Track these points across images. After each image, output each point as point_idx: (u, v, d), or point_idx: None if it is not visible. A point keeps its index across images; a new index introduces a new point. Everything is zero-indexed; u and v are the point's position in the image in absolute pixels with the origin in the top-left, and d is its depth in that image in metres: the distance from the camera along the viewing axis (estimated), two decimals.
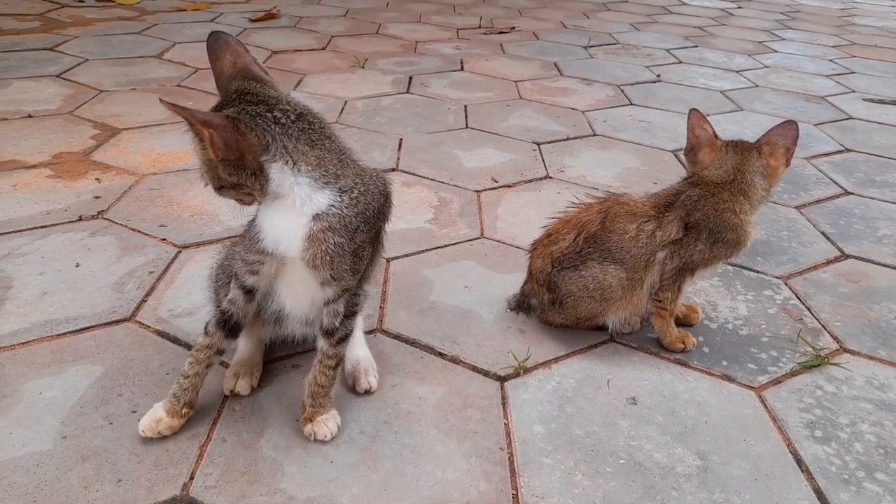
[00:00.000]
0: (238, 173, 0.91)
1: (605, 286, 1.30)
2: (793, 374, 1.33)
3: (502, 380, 1.27)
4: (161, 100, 0.86)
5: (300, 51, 3.42)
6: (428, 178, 2.09)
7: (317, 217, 0.93)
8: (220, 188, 0.95)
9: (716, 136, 1.34)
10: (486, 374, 1.28)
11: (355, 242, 0.96)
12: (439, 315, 1.44)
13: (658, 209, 1.32)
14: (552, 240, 1.37)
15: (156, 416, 1.08)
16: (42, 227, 1.68)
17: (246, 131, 0.88)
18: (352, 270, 0.99)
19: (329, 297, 1.03)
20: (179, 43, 3.38)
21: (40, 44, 3.20)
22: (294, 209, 0.93)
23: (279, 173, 0.91)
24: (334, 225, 0.93)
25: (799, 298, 1.58)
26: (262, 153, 0.90)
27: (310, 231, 0.93)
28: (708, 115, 2.79)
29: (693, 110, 1.36)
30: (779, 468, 1.11)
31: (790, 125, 1.29)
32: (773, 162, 1.30)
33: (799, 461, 1.12)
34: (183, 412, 1.09)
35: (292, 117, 0.92)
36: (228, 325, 1.07)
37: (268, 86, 0.95)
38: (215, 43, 0.99)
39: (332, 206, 0.93)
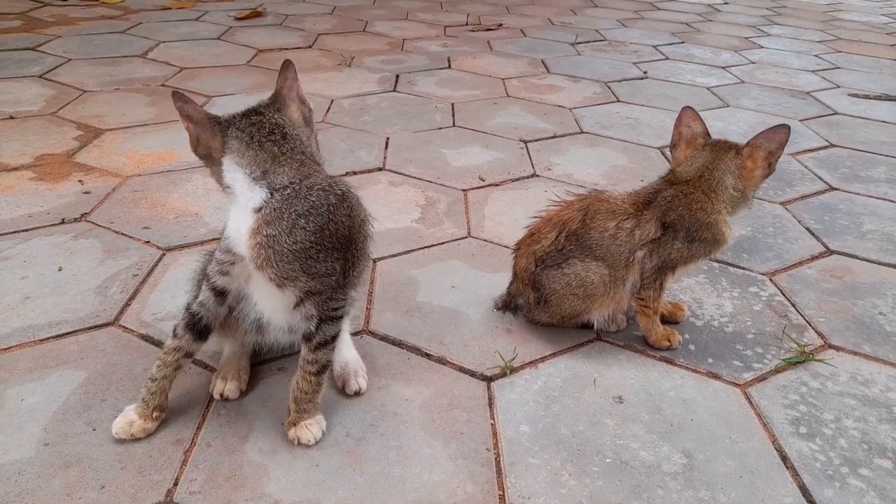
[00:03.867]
0: (211, 165, 1.01)
1: (588, 283, 1.31)
2: (778, 370, 1.34)
3: (489, 380, 1.27)
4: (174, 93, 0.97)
5: (286, 49, 3.40)
6: (415, 178, 2.08)
7: (254, 213, 0.96)
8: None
9: (707, 134, 1.34)
10: (472, 374, 1.28)
11: (293, 238, 0.95)
12: (426, 315, 1.44)
13: (637, 207, 1.32)
14: (535, 239, 1.37)
15: (128, 419, 1.07)
16: (24, 230, 1.66)
17: (211, 128, 0.98)
18: (305, 272, 0.98)
19: (294, 301, 1.02)
20: (164, 42, 3.35)
21: (22, 43, 3.16)
22: (240, 207, 0.98)
23: (227, 166, 0.98)
24: (266, 217, 0.96)
25: (784, 295, 1.59)
26: (223, 150, 0.99)
27: (249, 228, 0.96)
28: None
29: (686, 108, 1.36)
30: (764, 465, 1.11)
31: (781, 129, 1.26)
32: (749, 164, 1.29)
33: (784, 458, 1.13)
34: (154, 415, 1.08)
35: (253, 119, 1.00)
36: (198, 328, 1.07)
37: (273, 108, 1.03)
38: (285, 69, 1.06)
39: (266, 201, 0.96)
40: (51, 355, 1.26)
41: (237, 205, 0.99)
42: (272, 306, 1.06)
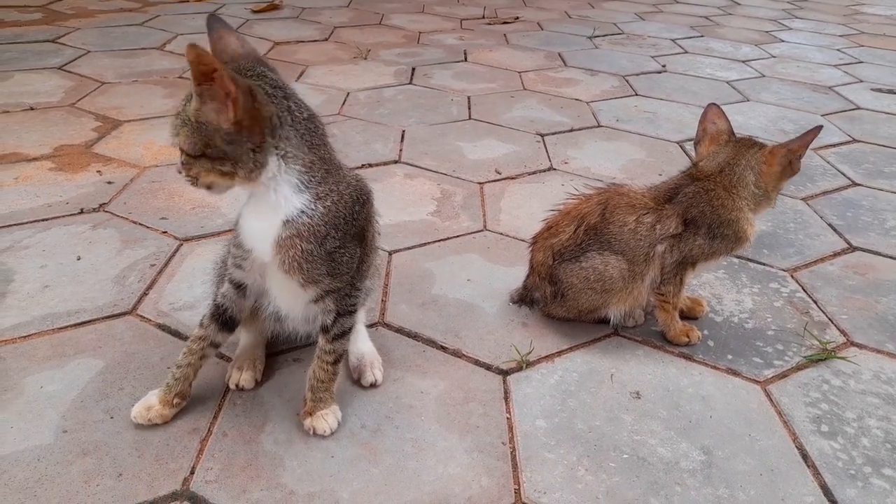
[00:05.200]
0: (237, 145, 0.86)
1: (606, 277, 1.29)
2: (799, 368, 1.32)
3: (504, 374, 1.26)
4: (190, 45, 0.79)
5: (302, 42, 3.40)
6: (430, 170, 2.07)
7: (286, 223, 0.92)
8: (200, 157, 0.88)
9: (731, 132, 1.33)
10: (488, 367, 1.27)
11: (325, 249, 0.95)
12: (441, 308, 1.43)
13: (658, 202, 1.31)
14: (552, 232, 1.36)
15: (147, 404, 1.08)
16: (43, 219, 1.67)
17: (266, 105, 0.87)
18: (329, 273, 0.98)
19: (313, 298, 1.02)
20: (182, 34, 3.36)
21: (42, 35, 3.18)
22: (269, 209, 0.93)
23: (273, 162, 0.90)
24: (302, 232, 0.92)
25: (805, 291, 1.56)
26: (269, 134, 0.88)
27: (278, 237, 0.93)
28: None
29: (712, 104, 1.35)
30: (784, 463, 1.09)
31: (812, 130, 1.23)
32: (770, 159, 1.27)
33: (805, 456, 1.11)
34: (174, 402, 1.09)
35: (305, 114, 0.93)
36: (223, 319, 1.07)
37: (279, 75, 0.94)
38: (216, 22, 0.96)
39: (304, 212, 0.92)
40: (69, 343, 1.27)
41: (260, 204, 0.94)
42: (291, 302, 1.06)
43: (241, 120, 0.84)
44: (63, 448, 1.05)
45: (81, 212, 1.72)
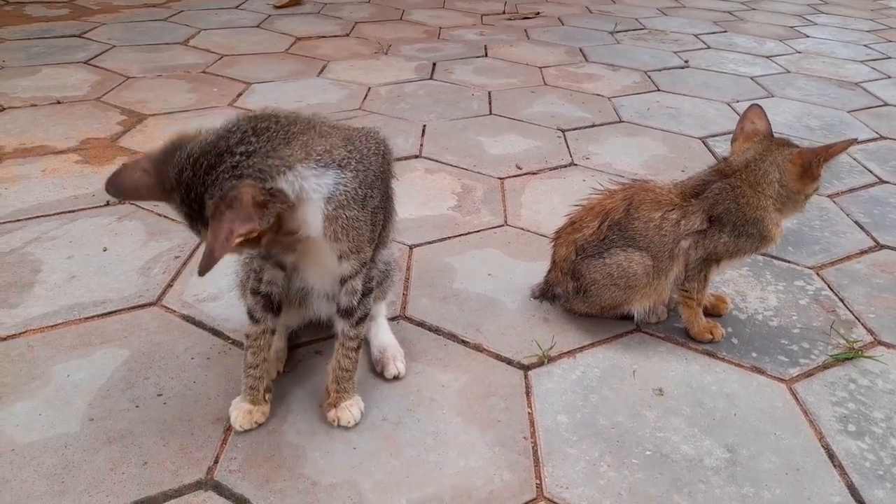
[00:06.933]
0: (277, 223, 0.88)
1: (630, 274, 1.28)
2: (825, 366, 1.30)
3: (526, 368, 1.26)
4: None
5: (324, 37, 3.41)
6: (451, 165, 2.07)
7: (329, 199, 0.91)
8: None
9: (769, 133, 1.30)
10: (509, 362, 1.27)
11: (368, 210, 0.96)
12: (462, 302, 1.43)
13: (684, 197, 1.29)
14: (576, 227, 1.35)
15: (245, 409, 1.08)
16: (70, 211, 1.70)
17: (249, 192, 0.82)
18: (369, 240, 0.99)
19: (347, 273, 1.02)
20: (205, 29, 3.39)
21: (69, 30, 3.23)
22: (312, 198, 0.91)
23: (288, 186, 0.86)
24: (342, 202, 0.92)
25: (832, 289, 1.54)
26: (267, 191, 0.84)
27: (325, 212, 0.92)
28: (737, 101, 2.73)
29: (754, 105, 1.34)
30: (810, 463, 1.08)
31: (847, 142, 1.22)
32: (796, 159, 1.24)
33: (831, 456, 1.09)
34: (266, 398, 1.10)
35: (251, 137, 0.85)
36: (273, 306, 1.07)
37: (184, 139, 0.87)
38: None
39: (339, 183, 0.91)
40: (96, 333, 1.28)
41: (308, 200, 0.91)
42: (318, 273, 1.06)
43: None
44: (89, 436, 1.06)
45: (107, 204, 1.74)
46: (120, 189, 0.89)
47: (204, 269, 0.79)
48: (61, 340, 1.26)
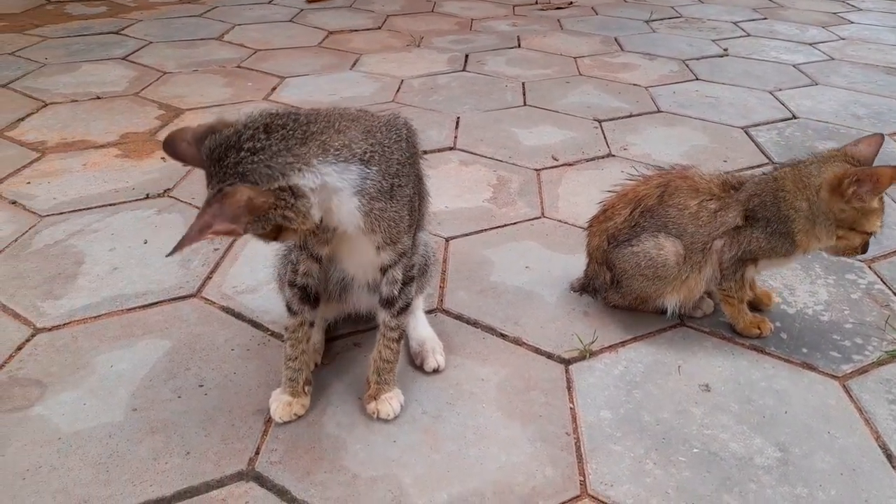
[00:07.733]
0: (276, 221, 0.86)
1: (658, 263, 1.24)
2: (880, 363, 1.25)
3: (567, 363, 1.23)
4: None
5: (356, 31, 3.41)
6: (486, 157, 2.04)
7: (357, 192, 0.90)
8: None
9: (867, 160, 1.20)
10: (549, 356, 1.25)
11: (399, 200, 0.95)
12: (500, 295, 1.41)
13: (724, 188, 1.25)
14: (608, 215, 1.32)
15: (285, 401, 1.08)
16: (111, 204, 1.72)
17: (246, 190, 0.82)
18: (406, 229, 0.98)
19: (385, 263, 1.01)
20: (239, 25, 3.42)
21: (107, 28, 3.28)
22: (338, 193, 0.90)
23: (306, 182, 0.85)
24: (372, 195, 0.91)
25: (885, 283, 1.48)
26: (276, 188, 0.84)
27: (360, 206, 0.91)
28: (779, 89, 2.64)
29: (877, 133, 1.23)
30: (867, 462, 1.04)
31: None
32: (835, 171, 1.16)
33: (889, 456, 1.05)
34: (306, 390, 1.10)
35: (261, 135, 0.85)
36: (310, 298, 1.07)
37: (220, 125, 0.88)
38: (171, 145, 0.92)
39: (365, 178, 0.90)
40: (138, 324, 1.30)
41: (341, 197, 0.90)
42: (357, 263, 1.06)
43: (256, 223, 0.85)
44: (133, 426, 1.07)
45: (147, 197, 1.76)
46: (172, 150, 0.92)
47: (173, 251, 0.83)
48: (104, 331, 1.28)
